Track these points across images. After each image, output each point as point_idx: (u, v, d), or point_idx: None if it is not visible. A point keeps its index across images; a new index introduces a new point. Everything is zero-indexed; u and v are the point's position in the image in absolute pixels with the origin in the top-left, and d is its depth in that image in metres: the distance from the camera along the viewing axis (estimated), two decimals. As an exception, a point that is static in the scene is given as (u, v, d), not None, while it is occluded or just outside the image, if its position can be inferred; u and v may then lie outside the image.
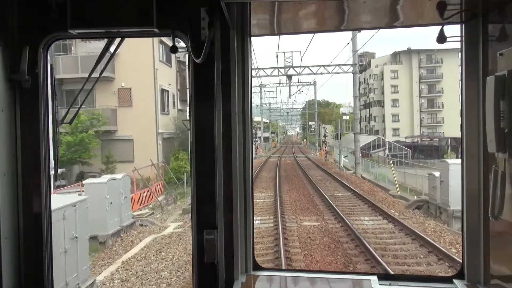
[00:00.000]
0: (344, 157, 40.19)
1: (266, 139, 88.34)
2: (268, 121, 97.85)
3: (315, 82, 65.27)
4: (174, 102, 31.78)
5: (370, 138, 56.69)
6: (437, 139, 62.02)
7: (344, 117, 59.93)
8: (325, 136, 53.03)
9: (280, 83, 58.95)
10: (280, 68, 34.68)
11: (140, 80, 26.53)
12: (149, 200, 20.73)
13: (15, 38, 2.31)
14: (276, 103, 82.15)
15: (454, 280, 2.77)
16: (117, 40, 2.62)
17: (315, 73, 34.44)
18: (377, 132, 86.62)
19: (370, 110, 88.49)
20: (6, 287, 2.26)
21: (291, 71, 34.84)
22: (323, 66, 33.67)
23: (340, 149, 40.78)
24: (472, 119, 2.65)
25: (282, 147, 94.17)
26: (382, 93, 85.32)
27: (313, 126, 78.90)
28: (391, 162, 28.90)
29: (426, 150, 59.24)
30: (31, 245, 2.37)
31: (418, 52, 76.26)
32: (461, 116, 2.74)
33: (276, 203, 18.32)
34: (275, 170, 35.06)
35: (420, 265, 10.36)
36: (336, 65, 33.67)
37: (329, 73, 34.11)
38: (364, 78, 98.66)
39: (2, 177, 2.24)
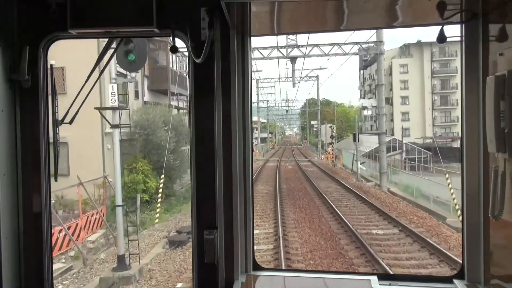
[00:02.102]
0: (360, 164, 30.72)
1: (264, 140, 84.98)
2: (265, 120, 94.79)
3: (317, 76, 59.72)
4: (136, 91, 21.99)
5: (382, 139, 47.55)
6: (459, 139, 52.32)
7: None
8: (332, 137, 43.56)
9: (279, 77, 50.11)
10: (281, 47, 25.09)
11: (79, 57, 16.86)
12: (70, 243, 11.13)
13: (15, 38, 2.37)
14: (274, 100, 72.87)
15: (454, 280, 2.78)
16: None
17: (327, 54, 24.88)
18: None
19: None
20: (6, 287, 2.29)
21: (295, 52, 25.25)
22: (338, 44, 24.31)
23: (355, 153, 31.79)
24: (472, 119, 2.69)
25: (280, 148, 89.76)
26: (391, 89, 76.28)
27: (315, 126, 69.78)
28: (446, 174, 19.50)
29: (446, 153, 49.44)
30: (31, 245, 2.41)
31: (430, 44, 67.77)
32: (461, 116, 2.78)
33: (279, 256, 11.17)
34: (274, 181, 29.07)
35: None
36: (355, 43, 24.55)
37: (345, 54, 24.83)
38: (370, 74, 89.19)
39: (2, 177, 2.29)
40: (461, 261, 2.93)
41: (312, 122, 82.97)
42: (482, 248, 2.67)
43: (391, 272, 9.11)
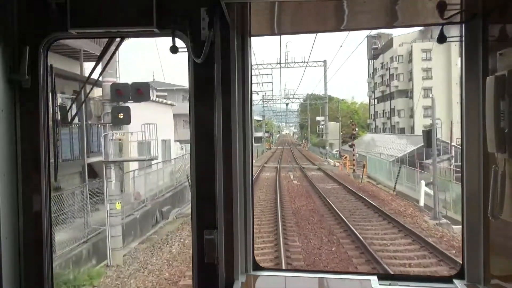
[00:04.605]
0: (426, 185, 14.38)
1: (259, 140, 76.20)
2: (261, 118, 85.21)
3: (325, 61, 50.62)
4: None
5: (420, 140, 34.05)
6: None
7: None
8: (353, 136, 28.69)
9: (278, 63, 34.37)
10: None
11: None
12: None
13: (15, 38, 2.46)
14: (272, 91, 59.17)
15: (454, 280, 2.84)
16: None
17: None
18: (402, 130, 62.73)
19: (391, 102, 64.68)
20: (6, 287, 2.38)
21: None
22: None
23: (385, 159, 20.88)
24: (472, 119, 2.78)
25: (278, 149, 79.15)
26: (410, 79, 61.07)
27: (321, 123, 56.00)
28: None
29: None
30: (31, 245, 2.49)
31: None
32: (461, 116, 2.89)
33: None
34: (273, 227, 15.79)
35: None
36: None
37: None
38: (382, 63, 73.54)
39: (2, 177, 2.39)
40: (461, 262, 3.04)
41: (318, 118, 68.32)
42: (482, 248, 2.75)
43: (391, 272, 8.75)
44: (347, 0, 2.61)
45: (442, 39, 2.66)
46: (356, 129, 36.03)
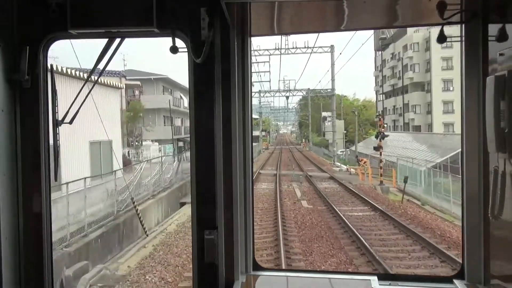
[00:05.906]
0: None
1: (256, 139, 69.04)
2: (257, 117, 79.59)
3: (332, 46, 43.22)
4: None
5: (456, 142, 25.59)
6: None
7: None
8: (380, 136, 18.31)
9: (277, 48, 25.30)
10: None
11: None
12: None
13: (15, 38, 2.56)
14: (270, 81, 52.23)
15: (454, 280, 2.88)
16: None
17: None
18: (417, 129, 54.62)
19: (404, 97, 55.91)
20: (6, 287, 2.45)
21: None
22: None
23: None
24: (472, 119, 2.84)
25: (276, 149, 72.55)
26: (427, 70, 52.33)
27: (328, 119, 48.33)
28: None
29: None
30: (31, 245, 2.58)
31: (483, 7, 42.49)
32: (461, 116, 2.94)
33: None
34: None
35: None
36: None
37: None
38: (393, 53, 64.73)
39: (2, 177, 2.49)
40: (461, 261, 3.15)
41: (323, 114, 59.91)
42: (482, 248, 2.82)
43: (392, 272, 8.59)
44: (347, 0, 2.67)
45: (442, 39, 2.70)
46: (385, 125, 27.29)
